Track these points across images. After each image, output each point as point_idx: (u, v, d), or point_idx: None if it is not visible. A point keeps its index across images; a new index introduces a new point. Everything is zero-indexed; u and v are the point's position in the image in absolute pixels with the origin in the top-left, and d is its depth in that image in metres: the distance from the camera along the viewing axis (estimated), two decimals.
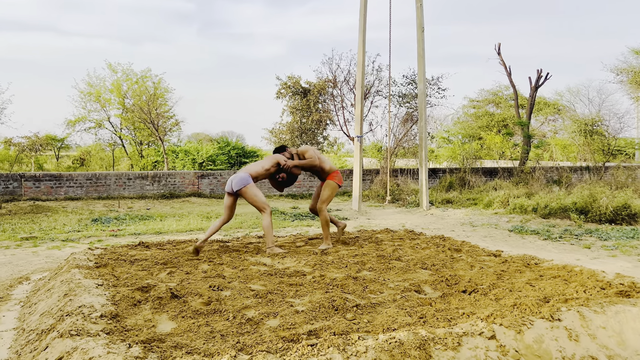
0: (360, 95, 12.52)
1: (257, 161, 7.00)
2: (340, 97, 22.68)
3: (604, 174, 17.83)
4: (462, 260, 5.98)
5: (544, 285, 4.58)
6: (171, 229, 8.88)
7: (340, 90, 22.64)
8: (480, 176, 17.68)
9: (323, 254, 6.41)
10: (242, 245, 6.99)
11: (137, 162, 21.50)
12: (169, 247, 6.82)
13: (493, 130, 27.26)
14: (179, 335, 3.48)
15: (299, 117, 25.49)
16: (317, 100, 25.09)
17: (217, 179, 15.44)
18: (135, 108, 20.40)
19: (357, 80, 12.81)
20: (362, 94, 12.57)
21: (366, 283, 4.94)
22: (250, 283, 4.92)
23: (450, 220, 10.55)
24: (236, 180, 6.43)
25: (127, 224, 9.61)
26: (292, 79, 25.12)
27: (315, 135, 26.74)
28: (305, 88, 25.17)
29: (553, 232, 8.61)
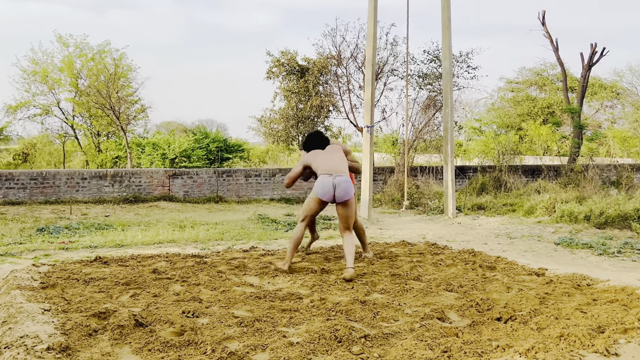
0: (370, 76, 12.54)
1: (331, 153, 6.77)
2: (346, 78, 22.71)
3: None
4: (496, 281, 5.99)
5: (598, 312, 4.58)
6: (135, 241, 8.88)
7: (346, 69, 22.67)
8: (520, 176, 17.69)
9: (323, 272, 6.42)
10: (224, 261, 6.99)
11: (94, 158, 21.52)
12: (133, 263, 6.83)
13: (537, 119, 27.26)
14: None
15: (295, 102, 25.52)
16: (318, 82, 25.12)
17: (192, 179, 15.46)
18: (91, 90, 20.41)
19: (367, 56, 12.82)
20: (373, 73, 12.59)
21: (377, 308, 4.95)
22: (234, 308, 4.93)
23: (482, 231, 10.56)
24: (347, 187, 6.43)
25: (81, 235, 9.62)
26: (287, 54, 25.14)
27: (315, 124, 26.79)
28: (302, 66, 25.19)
29: (610, 246, 8.60)
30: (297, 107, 25.64)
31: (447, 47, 12.54)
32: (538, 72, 32.40)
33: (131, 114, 21.41)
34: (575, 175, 17.23)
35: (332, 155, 6.70)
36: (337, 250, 7.90)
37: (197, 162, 18.98)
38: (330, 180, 6.45)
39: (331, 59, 23.66)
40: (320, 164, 6.63)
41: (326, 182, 6.45)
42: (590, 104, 31.76)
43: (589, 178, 15.95)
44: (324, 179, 6.47)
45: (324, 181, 6.46)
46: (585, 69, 21.60)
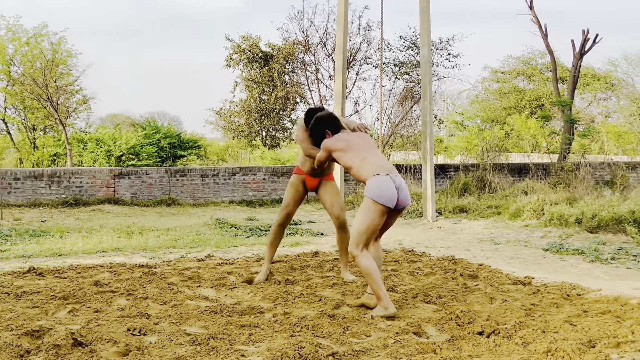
0: (341, 64, 12.57)
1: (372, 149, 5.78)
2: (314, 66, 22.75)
3: None
4: (478, 291, 6.05)
5: (588, 324, 4.66)
6: (75, 250, 8.77)
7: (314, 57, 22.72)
8: (506, 175, 17.91)
9: (288, 283, 6.41)
10: (176, 271, 6.94)
11: (29, 156, 21.21)
12: (72, 274, 6.73)
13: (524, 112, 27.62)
14: None
15: (258, 93, 25.52)
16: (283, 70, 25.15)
17: (141, 179, 15.32)
18: (26, 79, 20.10)
19: (337, 42, 12.85)
20: (344, 61, 12.62)
21: (347, 323, 4.96)
22: (186, 324, 4.90)
23: (464, 236, 10.65)
24: (407, 192, 5.51)
25: (13, 243, 9.47)
26: (248, 39, 25.11)
27: (281, 117, 26.84)
28: (266, 53, 25.18)
29: (603, 252, 8.75)
30: (260, 98, 25.64)
31: (426, 32, 12.63)
32: (526, 61, 32.85)
33: (71, 106, 21.14)
34: (565, 174, 17.49)
35: (373, 145, 5.86)
36: (304, 259, 7.89)
37: (147, 160, 18.82)
38: (391, 181, 5.40)
39: (298, 45, 23.70)
40: (367, 156, 5.60)
41: (388, 184, 5.37)
42: (582, 96, 32.30)
43: (580, 177, 16.21)
44: (384, 180, 5.38)
45: (385, 183, 5.37)
46: (576, 57, 21.95)
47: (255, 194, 16.25)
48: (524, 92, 31.54)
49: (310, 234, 10.65)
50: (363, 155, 5.56)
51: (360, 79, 22.26)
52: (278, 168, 16.67)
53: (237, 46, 25.11)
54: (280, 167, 16.73)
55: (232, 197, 16.00)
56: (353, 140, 5.76)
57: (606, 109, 32.50)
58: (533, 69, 32.43)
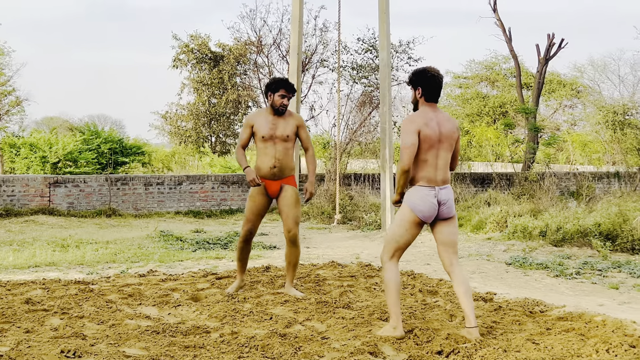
0: (296, 66, 12.59)
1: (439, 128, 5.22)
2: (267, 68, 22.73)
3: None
4: (438, 308, 6.10)
5: (552, 343, 4.73)
6: (6, 265, 8.59)
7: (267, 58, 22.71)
8: (468, 185, 18.13)
9: (236, 300, 6.37)
10: (115, 288, 6.85)
11: None
12: (1, 291, 6.60)
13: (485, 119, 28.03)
14: None
15: (207, 96, 25.42)
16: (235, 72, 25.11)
17: (78, 188, 15.09)
18: None
19: (292, 43, 12.87)
20: (299, 63, 12.65)
21: (299, 343, 4.95)
22: (125, 346, 4.84)
23: (424, 249, 10.73)
24: (452, 200, 5.31)
25: None
26: (197, 39, 25.01)
27: (232, 122, 26.75)
28: (216, 53, 25.11)
29: (568, 266, 8.89)
30: (209, 101, 25.54)
31: (385, 35, 12.73)
32: (489, 66, 33.36)
33: (3, 108, 20.76)
34: (529, 184, 17.76)
35: (448, 148, 5.31)
36: (255, 274, 7.87)
37: (86, 167, 18.55)
38: (433, 194, 5.20)
39: (250, 46, 23.68)
40: (429, 158, 5.20)
41: (429, 197, 5.20)
42: (547, 103, 32.94)
43: (545, 188, 16.48)
44: (426, 193, 5.20)
45: (427, 196, 5.20)
46: (541, 62, 22.37)
47: (203, 204, 16.14)
48: (488, 99, 32.01)
49: (262, 247, 10.61)
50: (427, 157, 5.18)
51: (316, 83, 22.34)
52: (228, 176, 16.60)
53: (185, 46, 24.98)
54: (230, 176, 16.66)
55: (178, 207, 15.87)
56: (437, 129, 5.21)
57: (572, 116, 33.18)
58: (497, 75, 32.96)
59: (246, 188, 16.53)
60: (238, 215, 15.72)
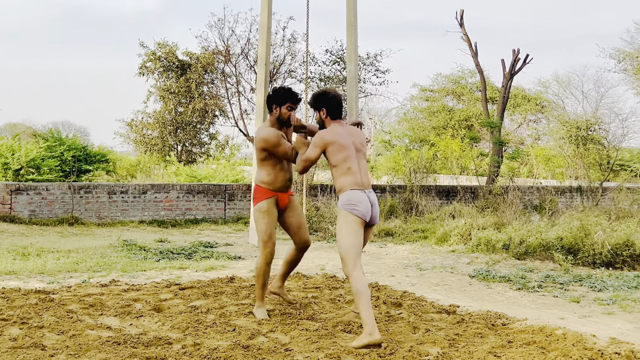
0: (264, 76, 12.59)
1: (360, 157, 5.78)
2: (235, 78, 22.70)
3: (602, 198, 19.00)
4: (401, 320, 6.13)
5: (513, 356, 4.78)
6: None
7: (235, 68, 22.69)
8: (434, 198, 18.27)
9: (199, 311, 6.33)
10: (76, 298, 6.78)
11: None
12: None
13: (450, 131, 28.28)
14: None
15: (174, 105, 25.30)
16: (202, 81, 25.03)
17: (41, 195, 14.91)
18: None
19: (260, 53, 12.87)
20: (267, 73, 12.65)
21: (262, 354, 4.95)
22: (85, 357, 4.80)
23: (389, 261, 10.78)
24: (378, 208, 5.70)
25: None
26: (164, 47, 24.90)
27: (198, 132, 26.65)
28: (183, 62, 25.02)
29: (530, 279, 8.99)
30: (176, 110, 25.42)
31: (353, 47, 12.79)
32: (455, 80, 33.67)
33: None
34: (494, 198, 17.94)
35: (363, 156, 5.77)
36: (219, 285, 7.83)
37: (49, 174, 18.31)
38: (365, 196, 5.58)
39: (218, 55, 23.65)
40: (352, 166, 5.64)
41: (363, 197, 5.55)
42: (512, 118, 33.33)
43: (509, 202, 16.66)
44: (359, 194, 5.56)
45: (361, 196, 5.55)
46: (506, 77, 22.64)
47: (167, 214, 16.03)
48: (454, 112, 32.31)
49: (226, 258, 10.57)
50: (349, 163, 5.62)
51: None
52: (194, 186, 16.52)
53: (152, 53, 24.86)
54: (196, 185, 16.58)
55: (142, 216, 15.74)
56: (349, 140, 5.73)
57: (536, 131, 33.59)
58: (463, 88, 33.27)
59: (211, 197, 16.47)
60: (203, 225, 15.64)
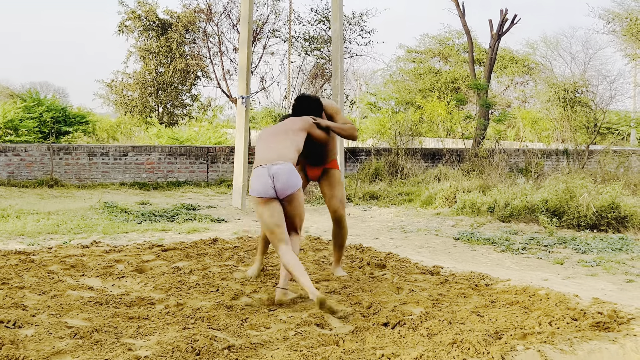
0: (246, 35, 12.50)
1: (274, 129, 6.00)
2: (217, 37, 22.51)
3: (588, 161, 19.11)
4: (385, 280, 6.20)
5: (496, 315, 4.85)
6: None
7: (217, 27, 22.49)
8: (419, 161, 18.32)
9: (181, 272, 6.37)
10: (57, 259, 6.80)
11: None
12: None
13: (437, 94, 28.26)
14: None
15: (155, 65, 25.08)
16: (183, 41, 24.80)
17: (19, 157, 14.83)
18: None
19: (242, 12, 12.76)
20: (250, 33, 12.56)
21: (246, 314, 5.00)
22: (67, 316, 4.82)
23: (373, 224, 10.85)
24: (289, 178, 5.57)
25: None
26: (145, 5, 24.62)
27: (180, 93, 26.47)
28: (164, 21, 24.76)
29: (514, 242, 9.09)
30: (156, 70, 25.21)
31: (338, 5, 12.71)
32: (442, 41, 33.54)
33: None
34: (479, 161, 18.02)
35: (284, 131, 5.93)
36: (201, 246, 7.87)
37: (27, 135, 18.18)
38: (265, 171, 5.60)
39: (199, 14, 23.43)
40: (257, 148, 5.90)
41: (260, 176, 5.63)
42: (499, 80, 33.31)
43: (494, 164, 16.74)
44: (256, 173, 5.69)
45: (257, 175, 5.67)
46: (494, 38, 22.60)
47: (149, 176, 16.00)
48: (440, 74, 32.23)
49: (209, 220, 10.61)
50: (261, 146, 5.84)
51: (267, 54, 22.21)
52: (176, 148, 16.47)
53: (132, 12, 24.56)
54: (178, 147, 16.53)
55: (123, 178, 15.70)
56: (271, 129, 6.04)
57: (523, 93, 33.62)
58: (450, 50, 33.15)
59: (194, 160, 16.45)
60: (185, 187, 15.64)
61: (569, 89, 20.95)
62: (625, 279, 6.97)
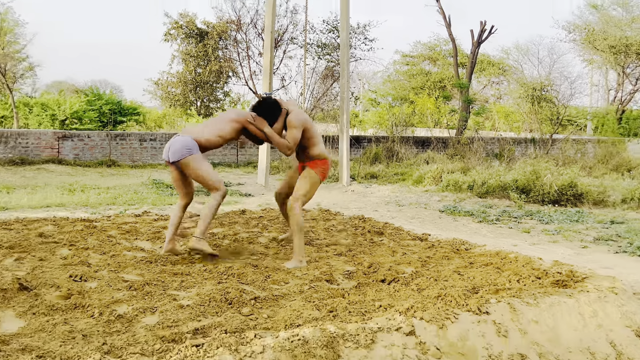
0: (269, 42, 12.46)
1: (221, 115, 5.88)
2: (245, 44, 22.43)
3: (551, 148, 19.01)
4: (383, 245, 6.22)
5: (473, 274, 4.87)
6: (21, 205, 8.50)
7: (245, 35, 22.39)
8: (411, 147, 18.27)
9: (217, 237, 6.41)
10: (115, 225, 6.84)
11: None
12: (18, 226, 6.54)
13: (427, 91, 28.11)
14: (28, 336, 3.40)
15: (194, 66, 25.03)
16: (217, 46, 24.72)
17: (83, 142, 14.88)
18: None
19: (266, 23, 12.72)
20: (272, 40, 12.51)
21: (268, 272, 5.03)
22: (123, 272, 4.87)
23: (373, 199, 10.86)
24: (175, 147, 5.43)
25: None
26: (185, 17, 24.54)
27: (214, 89, 26.41)
28: (201, 30, 24.67)
29: (489, 214, 9.10)
30: (195, 71, 25.16)
31: (345, 18, 12.65)
32: (432, 47, 33.27)
33: (18, 72, 20.23)
34: (461, 147, 17.97)
35: (214, 120, 5.83)
36: (232, 216, 7.91)
37: (89, 124, 18.25)
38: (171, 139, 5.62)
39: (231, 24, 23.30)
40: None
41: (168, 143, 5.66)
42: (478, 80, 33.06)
43: (474, 150, 16.70)
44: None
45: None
46: (474, 45, 22.40)
47: None
48: (429, 75, 32.01)
49: (239, 195, 10.65)
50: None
51: (287, 57, 22.14)
52: None
53: (175, 22, 24.50)
54: None
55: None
56: (220, 114, 6.14)
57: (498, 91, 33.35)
58: (438, 54, 32.89)
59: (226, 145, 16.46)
60: (219, 168, 15.69)
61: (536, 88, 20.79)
62: (580, 245, 6.97)
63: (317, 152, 5.76)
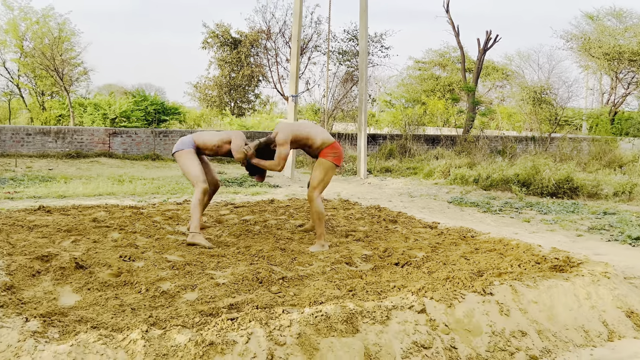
0: (296, 50, 12.45)
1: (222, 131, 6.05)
2: (274, 51, 22.44)
3: (550, 145, 18.77)
4: (397, 232, 6.20)
5: (478, 259, 4.84)
6: (77, 193, 8.62)
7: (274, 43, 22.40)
8: (422, 144, 18.15)
9: (249, 223, 6.44)
10: (159, 212, 6.90)
11: (38, 116, 20.48)
12: (74, 212, 6.64)
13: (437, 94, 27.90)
14: (83, 309, 3.45)
15: (228, 71, 25.09)
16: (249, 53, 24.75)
17: (131, 138, 15.03)
18: (36, 52, 19.31)
19: (293, 32, 12.71)
20: (299, 48, 12.50)
21: (295, 255, 5.05)
22: (167, 253, 4.91)
23: (388, 190, 10.83)
24: (177, 143, 5.81)
25: (26, 186, 9.24)
26: (221, 27, 24.59)
27: (246, 92, 26.47)
28: (235, 39, 24.71)
29: (493, 205, 9.02)
30: (230, 75, 25.23)
31: (364, 28, 12.60)
32: (441, 54, 32.98)
33: (74, 76, 20.47)
34: (468, 144, 17.82)
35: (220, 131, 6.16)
36: (262, 205, 7.94)
37: (136, 122, 18.41)
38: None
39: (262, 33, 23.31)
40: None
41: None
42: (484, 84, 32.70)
43: (479, 147, 16.55)
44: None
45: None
46: (480, 52, 22.16)
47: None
48: (439, 79, 31.73)
49: (268, 186, 10.69)
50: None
51: (311, 63, 22.10)
52: (244, 132, 16.50)
53: (212, 32, 24.57)
54: (245, 132, 16.57)
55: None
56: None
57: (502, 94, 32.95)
58: (447, 61, 32.58)
59: None
60: None
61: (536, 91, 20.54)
62: (576, 234, 6.89)
63: (319, 143, 5.59)
